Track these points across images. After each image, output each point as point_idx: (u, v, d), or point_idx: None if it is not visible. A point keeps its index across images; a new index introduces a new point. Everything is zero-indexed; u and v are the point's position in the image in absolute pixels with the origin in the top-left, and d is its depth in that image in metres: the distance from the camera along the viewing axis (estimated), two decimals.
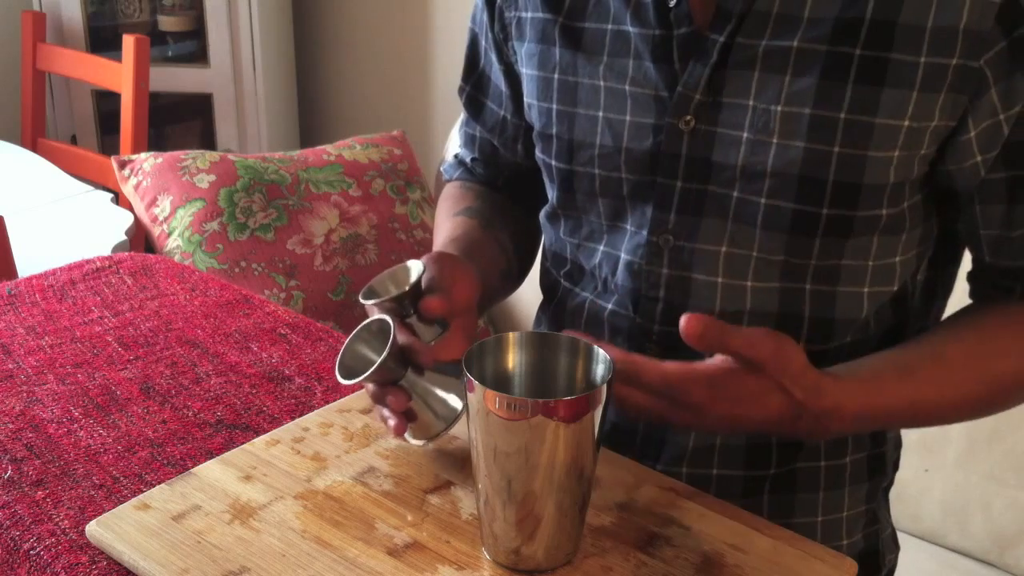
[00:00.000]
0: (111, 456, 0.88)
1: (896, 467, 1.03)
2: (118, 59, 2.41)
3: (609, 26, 0.87)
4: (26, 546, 0.78)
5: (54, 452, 0.88)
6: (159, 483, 0.82)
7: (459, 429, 0.88)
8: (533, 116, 0.94)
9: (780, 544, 0.76)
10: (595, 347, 0.73)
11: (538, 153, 0.95)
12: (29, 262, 1.72)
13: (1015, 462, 1.53)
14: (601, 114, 0.88)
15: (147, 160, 2.12)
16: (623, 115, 0.87)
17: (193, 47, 2.93)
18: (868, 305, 0.86)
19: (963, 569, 1.57)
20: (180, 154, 2.12)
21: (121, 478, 0.85)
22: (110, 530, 0.76)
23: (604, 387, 0.69)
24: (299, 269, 2.02)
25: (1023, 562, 1.54)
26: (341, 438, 0.87)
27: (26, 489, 0.83)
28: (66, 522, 0.80)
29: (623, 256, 0.90)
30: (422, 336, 0.81)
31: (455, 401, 0.82)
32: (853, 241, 0.83)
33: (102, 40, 2.84)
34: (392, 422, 0.80)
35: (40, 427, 0.91)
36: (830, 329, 0.87)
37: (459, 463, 0.84)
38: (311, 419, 0.90)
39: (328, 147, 2.24)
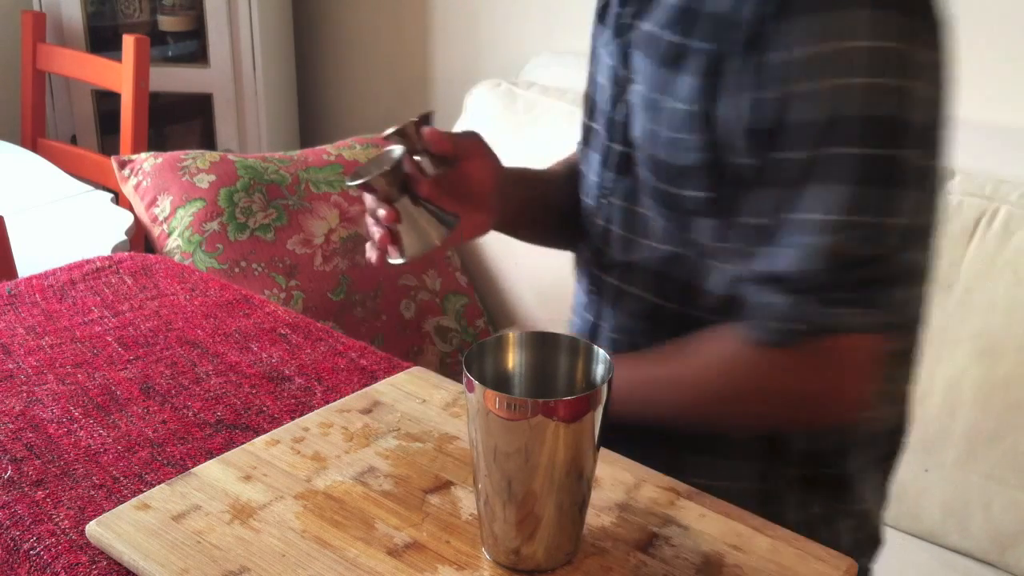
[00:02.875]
0: (111, 456, 0.88)
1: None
2: (118, 59, 2.41)
3: (613, 9, 0.97)
4: (26, 546, 0.78)
5: (54, 452, 0.88)
6: (159, 483, 0.82)
7: (459, 429, 0.88)
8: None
9: (780, 544, 0.76)
10: (595, 347, 0.73)
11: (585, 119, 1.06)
12: (29, 262, 1.72)
13: (1015, 462, 1.53)
14: (600, 79, 0.99)
15: (147, 160, 2.12)
16: (602, 79, 0.99)
17: (193, 47, 2.93)
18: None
19: (963, 569, 1.57)
20: (180, 154, 2.12)
21: (121, 478, 0.85)
22: (110, 530, 0.76)
23: (604, 387, 0.69)
24: (299, 269, 2.02)
25: (1023, 562, 1.54)
26: (341, 438, 0.87)
27: (26, 489, 0.83)
28: (66, 522, 0.80)
29: (588, 203, 1.02)
30: (424, 169, 0.93)
31: (434, 237, 0.93)
32: (690, 220, 0.89)
33: (102, 40, 2.84)
34: (377, 235, 0.93)
35: (40, 427, 0.91)
36: (726, 305, 0.91)
37: (459, 463, 0.84)
38: (311, 419, 0.90)
39: (328, 147, 2.24)
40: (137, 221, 2.09)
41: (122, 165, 2.14)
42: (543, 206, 1.09)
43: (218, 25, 2.75)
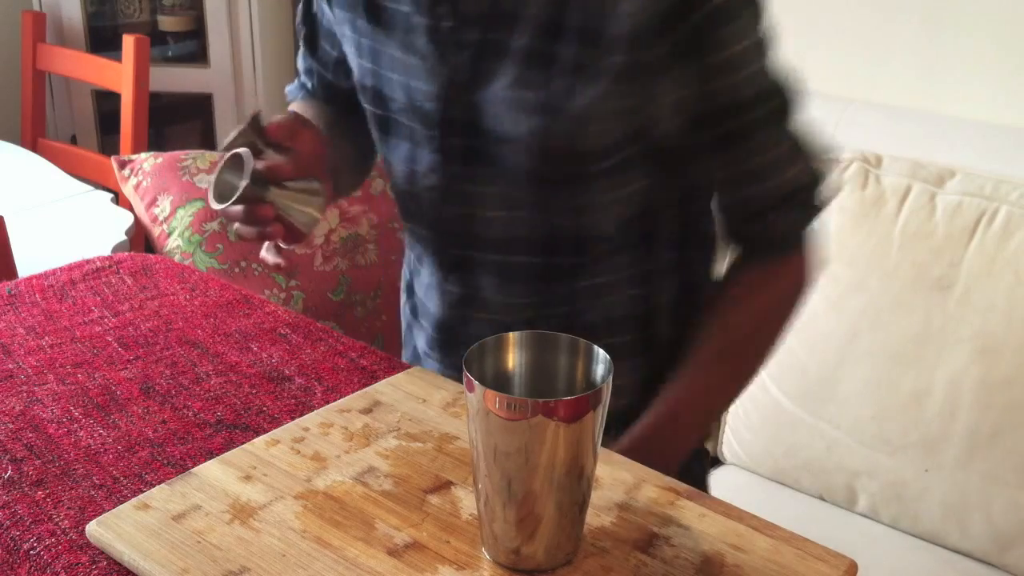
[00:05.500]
0: (111, 456, 0.88)
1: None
2: (118, 59, 2.41)
3: (402, 7, 1.02)
4: (26, 546, 0.78)
5: (54, 452, 0.88)
6: (159, 483, 0.82)
7: (459, 429, 0.88)
8: (352, 66, 1.11)
9: (780, 544, 0.76)
10: (595, 347, 0.73)
11: (359, 95, 1.11)
12: (29, 262, 1.72)
13: (1015, 462, 1.53)
14: (397, 77, 1.04)
15: (147, 160, 2.12)
16: (412, 80, 1.03)
17: (193, 47, 2.93)
18: (609, 225, 1.03)
19: (963, 569, 1.57)
20: (180, 154, 2.12)
21: (121, 478, 0.85)
22: (110, 530, 0.76)
23: (604, 387, 0.69)
24: (299, 269, 2.02)
25: (1023, 562, 1.54)
26: (341, 438, 0.87)
27: (26, 489, 0.83)
28: (66, 522, 0.80)
29: (416, 191, 1.08)
30: (268, 159, 0.97)
31: (315, 209, 0.98)
32: (586, 186, 1.00)
33: (102, 40, 2.84)
34: (268, 229, 0.95)
35: (40, 427, 0.91)
36: (583, 246, 1.03)
37: (459, 463, 0.84)
38: (311, 419, 0.90)
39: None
40: (137, 221, 2.10)
41: (122, 165, 2.14)
42: (343, 156, 1.16)
43: (218, 25, 2.75)
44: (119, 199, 2.25)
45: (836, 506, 1.71)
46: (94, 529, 0.77)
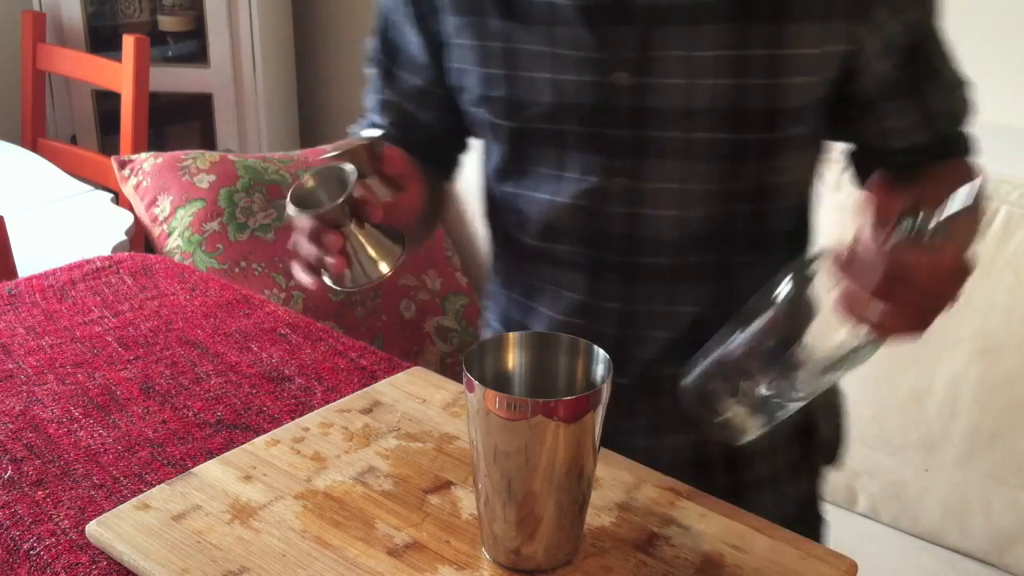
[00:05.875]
0: (111, 456, 0.88)
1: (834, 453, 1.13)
2: (118, 59, 2.41)
3: None
4: (26, 546, 0.78)
5: (54, 452, 0.88)
6: (159, 483, 0.82)
7: (459, 429, 0.88)
8: (471, 82, 0.99)
9: (780, 544, 0.76)
10: (595, 347, 0.73)
11: (482, 114, 1.00)
12: (29, 262, 1.72)
13: (1015, 462, 1.53)
14: (543, 75, 0.94)
15: (147, 160, 2.12)
16: (563, 75, 0.94)
17: (193, 47, 2.93)
18: (786, 216, 0.98)
19: (963, 569, 1.57)
20: (180, 154, 2.12)
21: (121, 478, 0.85)
22: (110, 530, 0.76)
23: (604, 387, 0.69)
24: None
25: (1023, 562, 1.54)
26: (341, 438, 0.87)
27: (26, 489, 0.83)
28: (66, 522, 0.80)
29: (570, 202, 0.97)
30: (375, 192, 0.88)
31: (384, 266, 0.86)
32: (775, 162, 0.94)
33: (102, 40, 2.84)
34: (330, 260, 0.85)
35: (40, 427, 0.91)
36: (762, 241, 0.97)
37: (459, 463, 0.84)
38: (311, 419, 0.90)
39: (328, 147, 2.24)
40: (137, 221, 2.09)
41: (122, 165, 2.14)
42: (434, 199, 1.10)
43: (218, 25, 2.75)
44: (119, 199, 2.25)
45: (836, 506, 1.70)
46: (94, 529, 0.77)
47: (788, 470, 1.06)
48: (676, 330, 0.98)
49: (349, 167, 0.84)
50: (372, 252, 0.85)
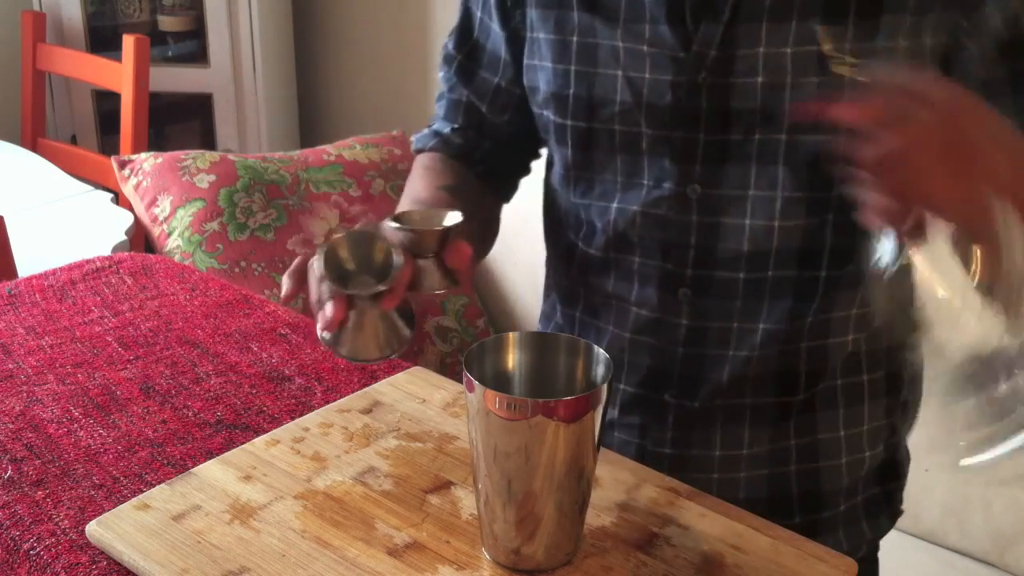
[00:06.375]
0: (111, 456, 0.88)
1: (915, 389, 1.03)
2: (118, 59, 2.41)
3: None
4: (26, 546, 0.78)
5: (54, 452, 0.88)
6: (159, 483, 0.82)
7: (459, 429, 0.88)
8: (545, 78, 0.96)
9: (780, 544, 0.76)
10: (595, 347, 0.73)
11: (551, 116, 0.97)
12: (29, 262, 1.72)
13: (1015, 462, 1.53)
14: (621, 73, 0.91)
15: (147, 160, 2.12)
16: (642, 73, 0.90)
17: (193, 47, 2.93)
18: None
19: (963, 569, 1.57)
20: (180, 154, 2.12)
21: (121, 478, 0.85)
22: (110, 530, 0.76)
23: (604, 387, 0.69)
24: None
25: (1023, 562, 1.54)
26: (341, 438, 0.87)
27: (26, 489, 0.83)
28: (66, 522, 0.80)
29: (642, 210, 0.93)
30: (425, 278, 0.80)
31: (385, 350, 0.80)
32: None
33: (102, 40, 2.84)
34: (326, 325, 0.79)
35: (40, 427, 0.91)
36: (848, 256, 0.90)
37: (459, 463, 0.84)
38: (311, 419, 0.90)
39: (328, 147, 2.24)
40: (137, 221, 2.10)
41: (122, 165, 2.14)
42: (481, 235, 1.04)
43: (218, 25, 2.75)
44: (119, 199, 2.25)
45: None
46: (94, 529, 0.77)
47: (865, 506, 1.01)
48: (751, 350, 0.92)
49: (389, 242, 0.78)
50: (380, 332, 0.80)
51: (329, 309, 0.78)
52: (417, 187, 1.02)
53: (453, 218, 0.80)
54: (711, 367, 0.94)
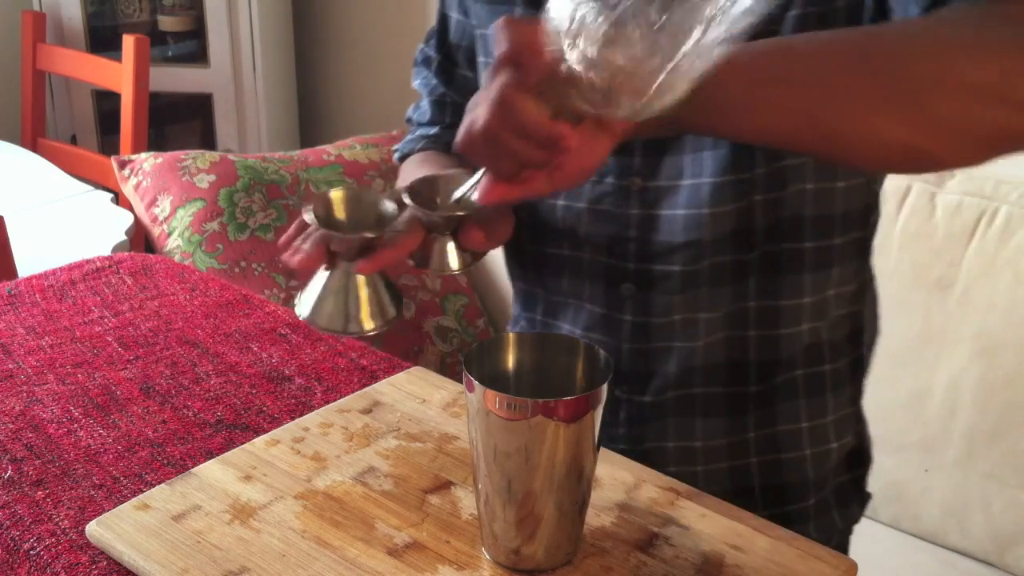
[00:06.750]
0: (111, 456, 0.88)
1: (869, 362, 1.04)
2: (118, 59, 2.41)
3: None
4: (26, 546, 0.78)
5: (54, 452, 0.88)
6: (159, 483, 0.82)
7: (459, 429, 0.88)
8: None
9: (780, 544, 0.76)
10: (596, 347, 0.73)
11: None
12: (29, 262, 1.72)
13: (1015, 462, 1.53)
14: None
15: (147, 160, 2.12)
16: None
17: (193, 47, 2.93)
18: (813, 200, 0.89)
19: (963, 569, 1.57)
20: (180, 154, 2.12)
21: (121, 478, 0.85)
22: (110, 530, 0.76)
23: (604, 387, 0.69)
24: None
25: (1023, 562, 1.54)
26: (341, 438, 0.87)
27: (26, 489, 0.83)
28: (66, 522, 0.80)
29: (588, 206, 0.93)
30: (441, 253, 0.77)
31: (369, 322, 0.75)
32: None
33: (102, 40, 2.84)
34: (299, 257, 0.75)
35: (40, 427, 0.91)
36: (778, 234, 0.90)
37: (459, 463, 0.84)
38: (311, 419, 0.90)
39: (328, 147, 2.24)
40: (137, 221, 2.10)
41: (122, 165, 2.14)
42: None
43: (218, 25, 2.75)
44: (119, 199, 2.25)
45: None
46: (94, 529, 0.77)
47: (836, 496, 1.01)
48: (695, 340, 0.93)
49: (389, 204, 0.74)
50: (358, 300, 0.75)
51: (305, 247, 0.74)
52: (422, 169, 0.99)
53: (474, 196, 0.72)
54: (659, 361, 0.94)
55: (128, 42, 2.37)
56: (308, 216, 0.74)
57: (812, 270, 0.92)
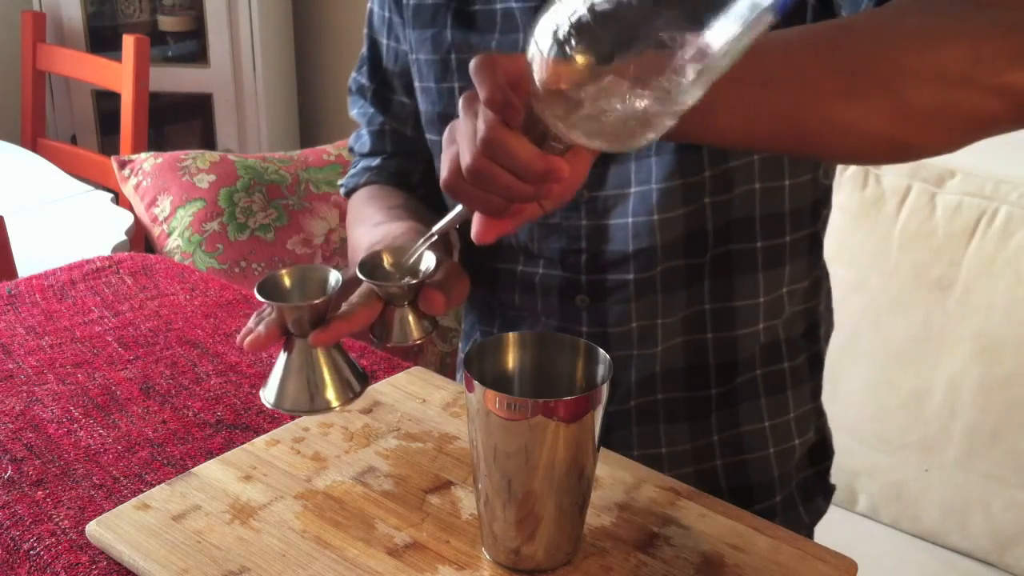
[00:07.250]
0: (111, 456, 0.88)
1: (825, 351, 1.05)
2: (118, 59, 2.41)
3: (497, 5, 0.90)
4: (26, 546, 0.78)
5: (54, 452, 0.88)
6: (159, 483, 0.82)
7: (459, 429, 0.88)
8: (430, 99, 0.96)
9: (780, 544, 0.76)
10: (596, 347, 0.73)
11: (434, 136, 0.96)
12: (29, 262, 1.72)
13: (1015, 462, 1.53)
14: None
15: (147, 160, 2.12)
16: None
17: (193, 47, 2.93)
18: (761, 199, 0.90)
19: (963, 569, 1.57)
20: (180, 154, 2.12)
21: (121, 478, 0.85)
22: (110, 530, 0.76)
23: (604, 387, 0.69)
24: None
25: (1023, 562, 1.54)
26: (341, 438, 0.87)
27: (26, 489, 0.83)
28: (66, 522, 0.80)
29: (537, 221, 0.91)
30: (401, 324, 0.76)
31: (333, 400, 0.75)
32: None
33: (102, 40, 2.84)
34: (251, 338, 0.74)
35: (40, 427, 0.91)
36: (729, 234, 0.90)
37: (459, 463, 0.84)
38: (311, 419, 0.90)
39: (328, 147, 2.24)
40: (137, 221, 2.10)
41: (122, 165, 2.14)
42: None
43: (218, 25, 2.75)
44: (119, 199, 2.25)
45: (836, 506, 1.71)
46: (94, 529, 0.77)
47: (800, 491, 1.02)
48: (654, 347, 0.93)
49: (335, 274, 0.73)
50: (327, 377, 0.75)
51: (260, 328, 0.73)
52: (366, 212, 0.99)
53: (427, 261, 0.74)
54: (618, 370, 0.94)
55: (128, 42, 2.37)
56: (257, 294, 0.72)
57: (765, 269, 0.92)
